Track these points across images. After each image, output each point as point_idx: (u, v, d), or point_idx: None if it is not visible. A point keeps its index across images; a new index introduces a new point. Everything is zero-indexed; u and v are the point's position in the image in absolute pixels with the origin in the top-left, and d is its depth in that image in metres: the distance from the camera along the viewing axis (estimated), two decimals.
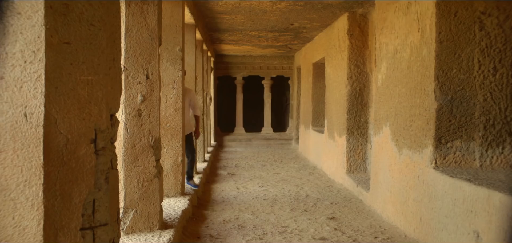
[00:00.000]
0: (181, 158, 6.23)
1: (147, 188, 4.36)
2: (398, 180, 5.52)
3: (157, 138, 4.38)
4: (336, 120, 9.00)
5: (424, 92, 4.77)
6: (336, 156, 9.02)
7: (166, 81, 6.07)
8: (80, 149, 2.10)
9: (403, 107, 5.41)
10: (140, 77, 4.30)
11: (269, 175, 9.69)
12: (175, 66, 6.10)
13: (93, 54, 2.13)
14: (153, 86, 4.34)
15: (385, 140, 6.04)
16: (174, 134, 6.15)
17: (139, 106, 4.31)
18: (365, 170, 8.24)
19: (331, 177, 9.33)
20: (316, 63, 11.82)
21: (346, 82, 8.21)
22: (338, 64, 8.84)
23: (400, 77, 5.53)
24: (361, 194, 7.18)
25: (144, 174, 4.34)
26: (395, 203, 5.58)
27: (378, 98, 6.39)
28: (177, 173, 6.21)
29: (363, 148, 8.26)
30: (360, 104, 8.22)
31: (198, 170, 8.79)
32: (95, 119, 2.15)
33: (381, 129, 6.25)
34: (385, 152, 6.03)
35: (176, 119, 6.15)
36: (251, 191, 7.86)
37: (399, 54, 5.55)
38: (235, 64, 16.96)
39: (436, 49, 4.53)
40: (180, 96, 6.14)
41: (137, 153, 4.31)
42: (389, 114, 5.90)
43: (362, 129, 8.26)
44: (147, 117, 4.33)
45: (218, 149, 15.26)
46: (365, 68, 8.18)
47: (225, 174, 9.77)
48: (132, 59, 4.27)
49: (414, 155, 5.02)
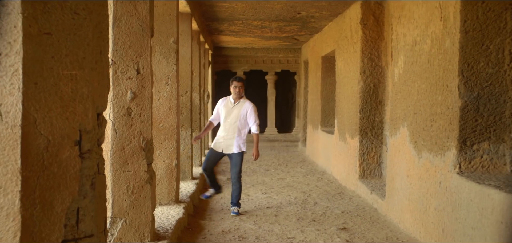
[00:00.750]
0: (175, 162, 6.24)
1: (138, 195, 4.37)
2: (417, 186, 5.50)
3: (149, 139, 4.39)
4: (348, 120, 8.99)
5: (447, 88, 4.75)
6: (347, 159, 9.01)
7: (159, 76, 6.08)
8: (63, 151, 2.09)
9: (422, 105, 5.39)
10: (130, 72, 4.30)
11: (273, 181, 9.69)
12: (169, 60, 6.11)
13: (78, 46, 2.12)
14: (145, 82, 4.34)
15: (403, 142, 6.02)
16: (168, 135, 6.16)
17: (129, 104, 4.32)
18: (380, 175, 8.23)
19: (342, 182, 9.32)
20: (326, 57, 11.81)
21: (359, 78, 8.20)
22: (350, 58, 8.83)
23: (419, 72, 5.50)
24: (376, 202, 7.17)
25: (134, 180, 4.35)
26: (414, 212, 5.56)
27: (395, 95, 6.37)
28: (171, 178, 6.22)
29: (377, 150, 8.25)
30: (374, 102, 8.21)
31: (195, 174, 8.79)
32: (80, 118, 2.14)
33: (398, 129, 6.23)
34: (403, 155, 6.01)
35: (170, 119, 6.16)
36: (253, 198, 7.87)
37: (419, 46, 5.53)
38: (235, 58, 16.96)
39: (461, 40, 4.51)
40: (175, 93, 6.14)
41: (127, 156, 4.32)
42: (407, 113, 5.88)
43: (376, 129, 8.25)
44: (137, 117, 4.34)
45: None
46: (380, 62, 8.16)
47: (224, 180, 9.77)
48: (121, 52, 4.27)
49: (435, 158, 5.00)
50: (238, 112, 6.85)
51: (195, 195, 7.37)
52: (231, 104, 6.94)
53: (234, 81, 6.96)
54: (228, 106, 6.94)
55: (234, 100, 6.94)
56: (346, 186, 8.97)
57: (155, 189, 4.63)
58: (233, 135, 6.83)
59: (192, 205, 6.87)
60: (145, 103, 4.35)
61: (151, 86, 4.41)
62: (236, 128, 6.82)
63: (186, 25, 8.09)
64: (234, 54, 16.73)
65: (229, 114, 6.90)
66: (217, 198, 7.91)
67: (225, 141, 6.87)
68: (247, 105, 6.88)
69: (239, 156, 6.83)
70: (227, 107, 6.94)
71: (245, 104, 6.90)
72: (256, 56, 16.88)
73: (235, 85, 6.93)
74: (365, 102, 8.22)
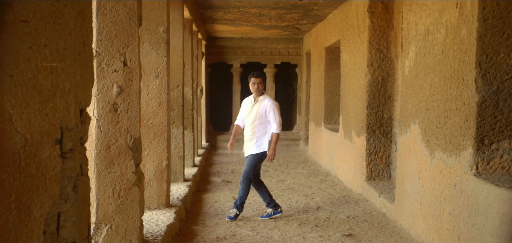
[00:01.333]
0: (165, 162, 6.24)
1: (125, 198, 4.37)
2: (429, 189, 5.50)
3: (137, 137, 4.39)
4: (354, 116, 8.99)
5: (463, 82, 4.74)
6: (353, 159, 9.02)
7: (148, 69, 6.09)
8: (42, 151, 2.08)
9: (436, 100, 5.38)
10: (116, 64, 4.30)
11: (272, 183, 9.70)
12: (159, 51, 6.12)
13: (58, 36, 2.11)
14: (132, 75, 4.34)
15: (414, 141, 6.03)
16: (158, 133, 6.17)
17: (115, 99, 4.32)
18: (389, 177, 8.24)
19: (348, 185, 9.33)
20: (330, 48, 11.83)
21: (366, 71, 8.20)
22: (356, 49, 8.83)
23: (432, 64, 5.50)
24: (385, 206, 7.18)
25: (121, 182, 4.35)
26: (426, 218, 5.56)
27: (405, 89, 6.37)
28: (161, 180, 6.23)
29: (386, 150, 8.25)
30: (383, 97, 8.21)
31: (187, 176, 8.81)
32: (61, 115, 2.14)
33: (408, 127, 6.23)
34: (414, 155, 6.01)
35: (160, 116, 6.17)
36: (250, 202, 7.86)
37: (432, 35, 5.52)
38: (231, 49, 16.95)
39: (479, 28, 4.49)
40: (165, 87, 6.14)
41: (113, 156, 4.32)
42: (419, 109, 5.88)
43: (385, 127, 8.26)
44: (124, 113, 4.34)
45: (210, 151, 15.31)
46: (390, 53, 8.16)
47: (219, 182, 9.80)
48: (106, 42, 4.27)
49: (450, 158, 5.00)
50: (257, 111, 6.88)
51: (187, 198, 7.39)
52: (252, 103, 6.99)
53: (252, 77, 6.95)
54: (248, 106, 7.04)
55: (255, 98, 6.98)
56: (352, 188, 8.97)
57: (143, 192, 4.64)
58: (253, 135, 6.90)
59: (184, 209, 6.88)
60: (132, 99, 4.35)
61: (139, 80, 4.42)
62: (255, 128, 6.87)
63: (178, 13, 8.08)
64: (230, 45, 16.71)
65: (249, 114, 6.98)
66: (211, 201, 7.93)
67: (246, 142, 7.00)
68: (266, 103, 6.89)
69: (254, 156, 6.88)
70: (248, 107, 7.05)
71: (264, 101, 6.90)
72: (253, 47, 16.86)
73: (253, 82, 6.92)
74: (372, 97, 8.22)
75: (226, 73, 18.29)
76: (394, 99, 8.16)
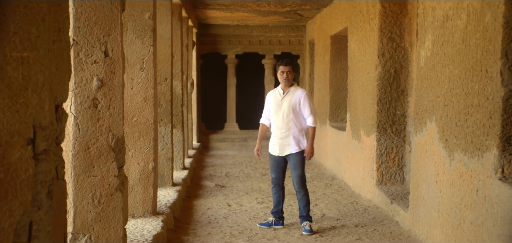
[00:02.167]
0: (152, 164, 6.25)
1: (106, 205, 4.36)
2: (448, 195, 5.50)
3: (120, 137, 4.39)
4: (363, 113, 9.00)
5: (486, 74, 4.73)
6: (362, 161, 9.03)
7: (132, 60, 6.10)
8: (12, 152, 2.05)
9: (455, 95, 5.38)
10: (96, 54, 4.29)
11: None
12: (144, 40, 6.13)
13: (30, 22, 2.09)
14: (114, 67, 4.34)
15: (430, 140, 6.03)
16: (143, 132, 6.18)
17: (95, 94, 4.31)
18: (402, 180, 8.25)
19: (356, 190, 9.35)
20: (336, 36, 11.84)
21: (377, 62, 8.20)
22: (365, 37, 8.84)
23: (451, 54, 5.49)
24: (397, 213, 7.19)
25: (101, 186, 4.34)
26: (445, 227, 5.56)
27: (421, 83, 6.37)
28: (147, 185, 6.24)
29: (399, 151, 8.26)
30: (395, 92, 8.22)
31: (176, 180, 8.81)
32: (34, 112, 2.11)
33: (424, 125, 6.23)
34: (430, 156, 6.02)
35: (146, 112, 6.18)
36: (247, 209, 7.88)
37: (451, 21, 5.51)
38: (225, 38, 16.94)
39: (505, 13, 4.48)
40: (151, 80, 6.15)
41: (92, 157, 4.31)
42: (436, 105, 5.87)
43: (398, 125, 8.27)
44: (106, 110, 4.33)
45: (202, 151, 15.35)
46: (403, 42, 8.17)
47: (212, 186, 9.82)
48: (85, 30, 4.25)
49: (471, 160, 4.99)
50: (289, 103, 6.79)
51: (176, 204, 7.40)
52: (280, 95, 6.89)
53: (281, 65, 6.91)
54: (277, 99, 6.90)
55: (283, 89, 6.90)
56: (361, 194, 9.00)
57: (127, 198, 4.63)
58: (288, 131, 6.78)
59: (173, 217, 6.88)
60: (115, 93, 4.34)
61: (123, 72, 4.41)
62: (290, 122, 6.77)
63: None
64: (224, 33, 16.70)
65: (279, 108, 6.86)
66: (203, 208, 7.93)
67: (280, 140, 6.84)
68: (299, 93, 6.83)
69: (299, 155, 6.79)
70: (276, 100, 6.91)
71: (296, 92, 6.84)
72: (250, 35, 16.86)
73: (281, 71, 6.87)
74: (383, 92, 8.23)
75: (220, 65, 18.28)
76: (408, 94, 8.16)
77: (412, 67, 8.02)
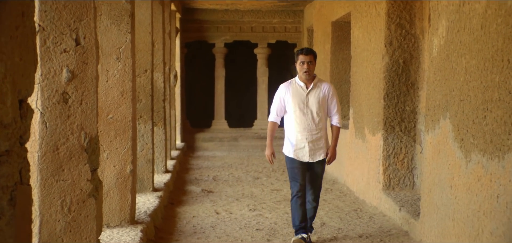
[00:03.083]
0: (130, 167, 6.26)
1: (77, 213, 4.34)
2: (465, 201, 5.49)
3: (94, 136, 4.39)
4: (368, 109, 9.02)
5: (508, 65, 4.73)
6: (367, 163, 9.05)
7: (107, 49, 6.08)
8: None
9: (472, 89, 5.37)
10: (66, 42, 4.27)
11: (265, 193, 9.74)
12: (121, 26, 6.12)
13: None
14: (87, 57, 4.33)
15: (444, 140, 6.02)
16: (120, 131, 6.19)
17: (65, 87, 4.29)
18: (412, 185, 8.28)
19: (360, 195, 9.38)
20: (338, 22, 11.87)
21: (384, 51, 8.21)
22: (371, 23, 8.85)
23: (468, 43, 5.48)
24: (407, 222, 7.20)
25: (72, 192, 4.33)
26: (461, 237, 5.56)
27: (433, 75, 6.36)
28: (124, 190, 6.23)
29: (409, 151, 8.28)
30: (404, 85, 8.24)
31: (157, 185, 8.81)
32: None
33: (437, 122, 6.23)
34: (444, 157, 6.01)
35: (123, 108, 6.19)
36: (237, 217, 7.88)
37: (468, 5, 5.51)
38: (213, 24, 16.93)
39: None
40: (129, 72, 6.17)
41: (62, 159, 4.30)
42: (450, 100, 5.87)
43: (407, 122, 8.29)
44: (77, 105, 4.33)
45: (187, 152, 15.39)
46: (414, 29, 8.18)
47: (198, 191, 9.82)
48: (53, 14, 4.24)
49: (491, 163, 4.98)
50: (317, 99, 6.55)
51: (157, 212, 7.39)
52: (304, 89, 6.57)
53: (301, 54, 6.56)
54: (300, 93, 6.56)
55: (305, 83, 6.59)
56: (365, 200, 9.02)
57: (101, 205, 4.63)
58: (320, 132, 6.55)
59: (153, 226, 6.88)
60: (87, 87, 4.34)
61: (97, 63, 4.41)
62: (321, 122, 6.55)
63: None
64: (211, 19, 16.70)
65: (304, 105, 6.53)
66: (187, 216, 7.95)
67: (311, 144, 6.52)
68: (326, 88, 6.64)
69: (324, 162, 6.64)
70: (299, 95, 6.56)
71: (322, 85, 6.66)
72: (241, 21, 16.86)
73: (301, 61, 6.52)
74: (391, 85, 8.24)
75: (207, 54, 18.28)
76: (419, 87, 8.18)
77: (423, 57, 8.02)
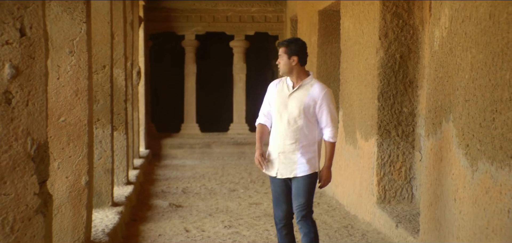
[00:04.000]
0: (85, 178, 6.24)
1: (22, 233, 4.29)
2: (471, 216, 5.51)
3: (42, 142, 4.33)
4: (359, 111, 9.06)
5: None
6: (359, 173, 9.09)
7: (58, 41, 6.06)
8: None
9: (479, 87, 5.38)
10: (8, 33, 4.22)
11: (243, 207, 9.79)
12: (74, 15, 6.10)
13: None
14: (34, 50, 4.27)
15: (447, 146, 6.04)
16: (74, 136, 6.18)
17: (8, 86, 4.24)
18: (410, 198, 8.31)
19: (351, 210, 9.42)
20: (325, 11, 11.93)
21: (378, 45, 8.23)
22: (363, 13, 8.89)
23: (474, 34, 5.49)
24: (405, 240, 7.22)
25: (16, 208, 4.27)
26: None
27: (435, 72, 6.38)
28: (78, 205, 6.21)
29: (406, 159, 8.31)
30: (401, 83, 8.27)
31: (117, 198, 8.82)
32: None
33: (439, 125, 6.25)
34: (447, 166, 6.03)
35: (77, 110, 6.18)
36: (210, 236, 7.89)
37: None
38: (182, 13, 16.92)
39: None
40: (85, 68, 6.17)
41: (4, 169, 4.25)
42: (454, 100, 5.89)
43: (405, 126, 8.33)
44: (22, 107, 4.28)
45: (152, 161, 15.42)
46: (412, 19, 8.21)
47: (164, 206, 9.82)
48: None
49: (500, 172, 4.99)
50: (299, 103, 5.97)
51: (117, 231, 7.37)
52: (287, 89, 6.08)
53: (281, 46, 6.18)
54: (283, 94, 6.07)
55: (294, 82, 6.06)
56: (357, 215, 9.05)
57: (51, 223, 4.57)
58: (295, 142, 5.97)
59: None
60: (35, 85, 4.29)
61: (46, 58, 4.34)
62: (299, 131, 5.97)
63: None
64: (181, 7, 16.70)
65: (284, 107, 6.02)
66: (153, 235, 7.96)
67: (282, 156, 6.02)
68: (316, 91, 6.01)
69: (307, 179, 5.99)
70: (282, 96, 6.07)
71: (313, 88, 6.02)
72: (215, 10, 16.87)
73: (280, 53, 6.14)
74: (386, 83, 8.27)
75: (176, 48, 18.24)
76: (418, 86, 8.21)
77: (423, 52, 8.06)
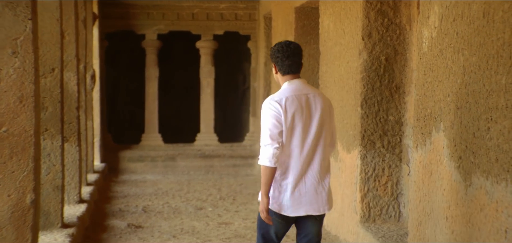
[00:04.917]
0: (31, 196, 6.13)
1: None
2: (464, 236, 5.54)
3: None
4: (341, 120, 9.12)
5: None
6: (340, 189, 9.14)
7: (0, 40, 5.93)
8: None
9: (472, 93, 5.41)
10: None
11: (211, 228, 9.83)
12: (18, 10, 6.04)
13: None
14: None
15: (437, 158, 6.07)
16: (17, 148, 6.11)
17: None
18: (398, 216, 8.34)
19: (332, 230, 9.47)
20: (303, 9, 11.99)
21: (361, 46, 8.27)
22: (345, 10, 8.94)
23: (467, 35, 5.52)
24: None
25: None
26: None
27: (424, 76, 6.41)
28: (22, 227, 6.12)
29: (393, 173, 8.35)
30: (387, 89, 8.31)
31: (67, 219, 8.75)
32: None
33: (428, 135, 6.28)
34: (438, 181, 6.06)
35: (22, 119, 6.10)
36: None
37: None
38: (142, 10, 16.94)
39: None
40: (30, 71, 6.08)
41: None
42: (445, 107, 5.91)
43: (391, 136, 8.37)
44: None
45: (108, 176, 15.45)
46: (399, 18, 8.26)
47: (122, 227, 9.83)
48: None
49: (496, 187, 5.01)
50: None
51: None
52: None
53: None
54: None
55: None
56: (338, 235, 9.10)
57: None
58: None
59: None
60: None
61: None
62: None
63: None
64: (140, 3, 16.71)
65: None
66: None
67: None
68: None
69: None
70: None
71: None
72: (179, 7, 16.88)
73: None
74: (371, 88, 8.31)
75: (135, 49, 18.20)
76: (406, 92, 8.26)
77: (411, 54, 8.10)
